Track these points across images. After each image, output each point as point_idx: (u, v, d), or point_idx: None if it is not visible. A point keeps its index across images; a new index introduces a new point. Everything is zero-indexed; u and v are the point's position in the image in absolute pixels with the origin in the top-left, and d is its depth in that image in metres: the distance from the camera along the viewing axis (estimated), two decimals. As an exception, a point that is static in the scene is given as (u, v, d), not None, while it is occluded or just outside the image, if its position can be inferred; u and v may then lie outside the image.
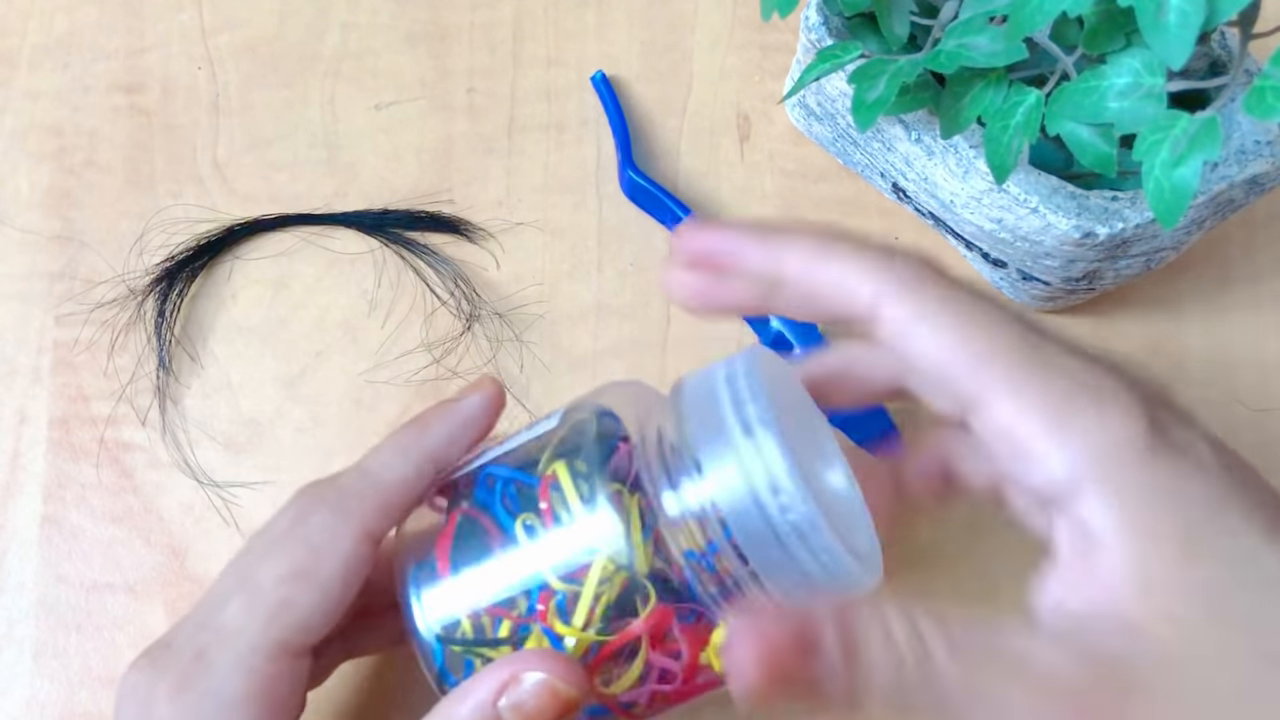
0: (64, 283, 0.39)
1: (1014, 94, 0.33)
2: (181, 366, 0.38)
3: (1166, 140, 0.29)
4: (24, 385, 0.38)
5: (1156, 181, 0.30)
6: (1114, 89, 0.31)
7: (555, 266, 0.40)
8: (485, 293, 0.40)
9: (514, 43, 0.43)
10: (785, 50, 0.43)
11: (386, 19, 0.44)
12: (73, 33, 0.43)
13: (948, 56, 0.32)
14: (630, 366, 0.39)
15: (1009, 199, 0.35)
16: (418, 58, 0.43)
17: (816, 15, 0.37)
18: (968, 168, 0.35)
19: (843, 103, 0.38)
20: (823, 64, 0.35)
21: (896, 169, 0.39)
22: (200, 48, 0.43)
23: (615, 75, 0.43)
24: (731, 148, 0.42)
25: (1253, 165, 0.34)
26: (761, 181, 0.42)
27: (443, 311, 0.39)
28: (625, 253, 0.41)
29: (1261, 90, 0.28)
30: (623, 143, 0.41)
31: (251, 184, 0.41)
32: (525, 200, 0.41)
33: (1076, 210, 0.34)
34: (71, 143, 0.41)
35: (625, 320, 0.40)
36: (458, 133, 0.42)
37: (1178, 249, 0.37)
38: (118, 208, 0.40)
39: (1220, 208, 0.36)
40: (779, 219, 0.30)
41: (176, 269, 0.39)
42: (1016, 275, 0.38)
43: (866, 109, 0.34)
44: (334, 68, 0.43)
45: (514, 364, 0.39)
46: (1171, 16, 0.28)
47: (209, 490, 0.37)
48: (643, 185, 0.40)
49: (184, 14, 0.43)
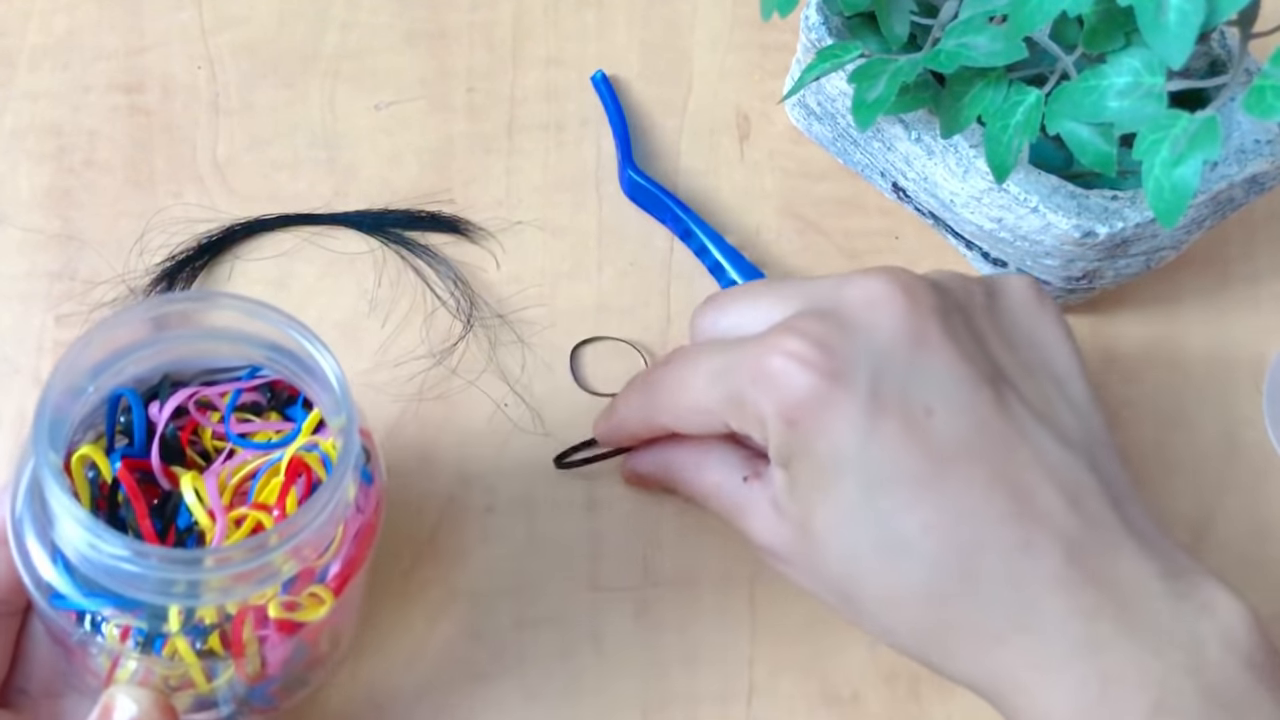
0: (64, 283, 0.39)
1: (1014, 93, 0.33)
2: (181, 366, 0.38)
3: (1166, 140, 0.29)
4: (24, 385, 0.38)
5: (1156, 181, 0.30)
6: (1114, 88, 0.31)
7: (555, 266, 0.40)
8: (485, 293, 0.40)
9: (514, 43, 0.43)
10: (785, 50, 0.43)
11: (386, 19, 0.44)
12: (73, 33, 0.43)
13: (948, 56, 0.32)
14: (630, 366, 0.39)
15: (1009, 198, 0.35)
16: (418, 58, 0.43)
17: (816, 15, 0.37)
18: (968, 167, 0.35)
19: (843, 102, 0.38)
20: (823, 64, 0.35)
21: (896, 168, 0.39)
22: (200, 47, 0.43)
23: (615, 75, 0.43)
24: (731, 147, 0.42)
25: (1253, 164, 0.34)
26: (761, 181, 0.42)
27: (443, 311, 0.39)
28: (625, 253, 0.41)
29: (1261, 89, 0.28)
30: (623, 142, 0.41)
31: (251, 184, 0.41)
32: (525, 200, 0.41)
33: (1076, 210, 0.34)
34: (71, 142, 0.41)
35: (625, 320, 0.40)
36: (458, 133, 0.42)
37: (1178, 248, 0.37)
38: (118, 208, 0.40)
39: (1220, 207, 0.36)
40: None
41: (176, 269, 0.39)
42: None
43: (866, 108, 0.34)
44: (334, 68, 0.43)
45: (514, 364, 0.39)
46: (1171, 16, 0.28)
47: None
48: (643, 185, 0.40)
49: (184, 14, 0.43)
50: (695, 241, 0.40)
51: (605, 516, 0.37)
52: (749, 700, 0.35)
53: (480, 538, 0.37)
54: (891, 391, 0.27)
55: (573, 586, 0.36)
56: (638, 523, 0.37)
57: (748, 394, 0.28)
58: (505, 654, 0.35)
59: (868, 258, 0.41)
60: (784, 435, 0.28)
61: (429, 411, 0.38)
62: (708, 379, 0.30)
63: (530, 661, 0.35)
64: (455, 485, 0.37)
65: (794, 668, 0.35)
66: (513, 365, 0.39)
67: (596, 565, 0.36)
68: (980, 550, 0.26)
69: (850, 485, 0.27)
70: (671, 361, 0.32)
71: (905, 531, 0.27)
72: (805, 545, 0.29)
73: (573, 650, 0.35)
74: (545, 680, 0.35)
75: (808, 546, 0.28)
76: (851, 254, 0.41)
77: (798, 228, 0.41)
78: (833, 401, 0.27)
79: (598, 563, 0.36)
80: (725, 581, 0.36)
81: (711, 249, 0.39)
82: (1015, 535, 0.26)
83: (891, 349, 0.27)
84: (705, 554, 0.36)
